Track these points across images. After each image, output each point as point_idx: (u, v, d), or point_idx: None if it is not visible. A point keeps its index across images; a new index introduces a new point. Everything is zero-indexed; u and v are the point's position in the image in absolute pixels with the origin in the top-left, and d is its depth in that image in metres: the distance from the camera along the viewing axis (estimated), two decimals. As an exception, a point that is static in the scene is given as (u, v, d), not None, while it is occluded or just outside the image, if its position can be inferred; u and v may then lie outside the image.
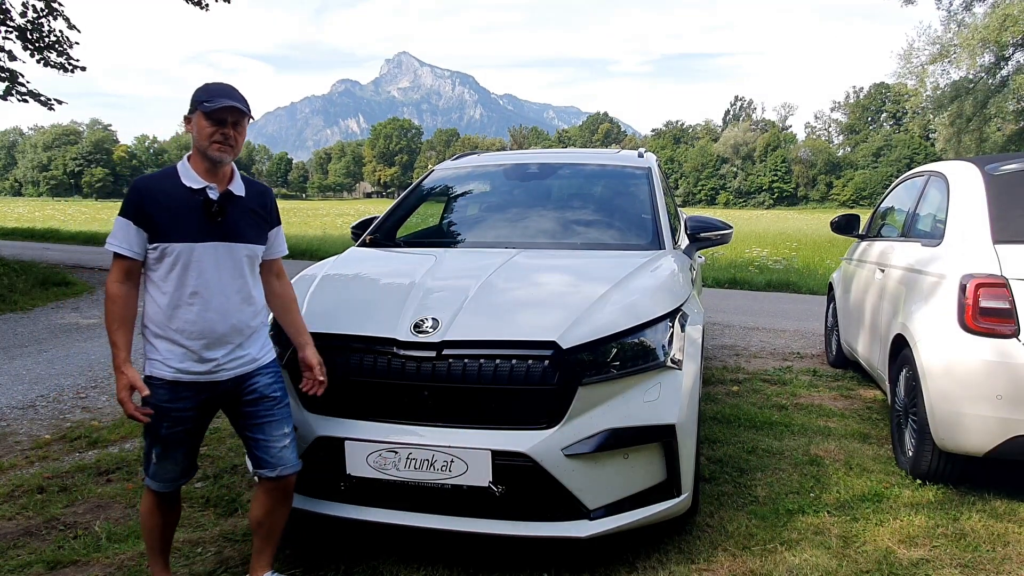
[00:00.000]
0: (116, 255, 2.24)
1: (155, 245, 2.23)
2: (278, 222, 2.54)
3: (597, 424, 2.52)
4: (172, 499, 2.47)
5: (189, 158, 2.32)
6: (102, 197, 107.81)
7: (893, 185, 5.55)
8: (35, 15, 12.39)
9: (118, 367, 2.21)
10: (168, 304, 2.25)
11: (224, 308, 2.30)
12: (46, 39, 12.60)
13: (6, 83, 12.47)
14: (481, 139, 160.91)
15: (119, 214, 2.25)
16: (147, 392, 2.23)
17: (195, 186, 2.27)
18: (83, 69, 13.16)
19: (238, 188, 2.36)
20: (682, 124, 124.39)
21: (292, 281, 3.22)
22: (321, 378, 2.56)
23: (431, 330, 2.59)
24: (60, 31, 12.73)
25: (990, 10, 23.19)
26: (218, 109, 2.22)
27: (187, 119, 2.31)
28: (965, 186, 3.79)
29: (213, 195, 2.28)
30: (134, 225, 2.22)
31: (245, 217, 2.36)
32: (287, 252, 2.62)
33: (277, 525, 2.52)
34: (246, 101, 2.29)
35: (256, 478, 2.49)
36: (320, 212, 52.30)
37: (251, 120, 2.34)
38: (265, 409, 2.40)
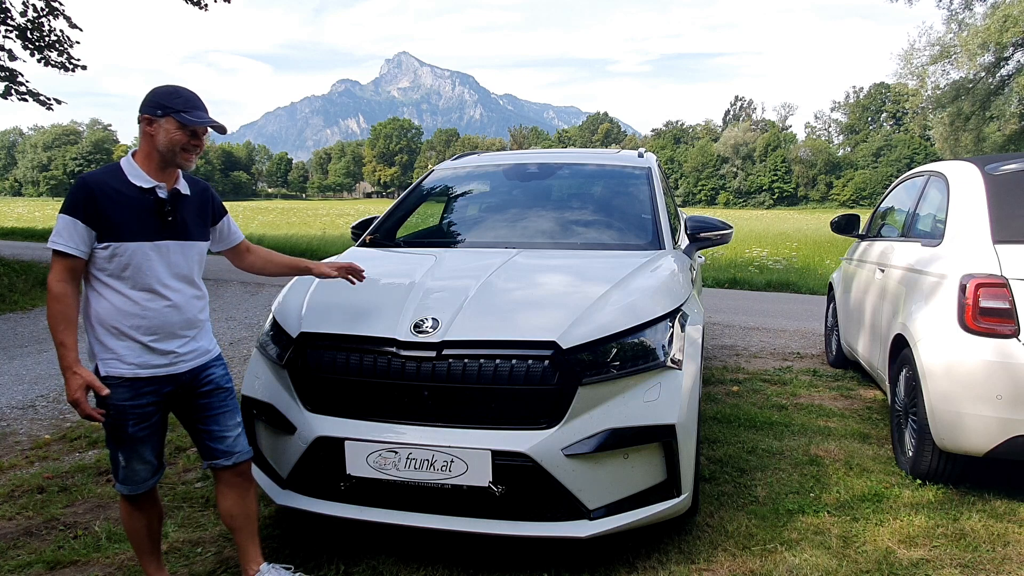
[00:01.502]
0: (60, 254, 2.18)
1: (106, 244, 2.20)
2: (224, 212, 2.57)
3: (597, 424, 2.52)
4: (148, 499, 2.46)
5: (134, 155, 2.30)
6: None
7: (893, 185, 5.55)
8: (35, 15, 12.40)
9: (69, 367, 2.17)
10: (123, 302, 2.24)
11: (178, 303, 2.32)
12: (47, 38, 12.61)
13: (6, 83, 12.48)
14: (481, 139, 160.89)
15: (64, 212, 2.18)
16: (107, 392, 2.21)
17: (145, 185, 2.26)
18: (83, 68, 13.16)
19: (184, 187, 2.37)
20: (682, 124, 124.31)
21: (292, 282, 3.23)
22: (353, 276, 2.91)
23: (431, 330, 2.59)
24: (61, 30, 12.75)
25: (991, 10, 23.18)
26: (200, 124, 2.24)
27: (148, 119, 2.25)
28: (965, 186, 3.79)
29: (162, 194, 2.28)
30: (82, 224, 2.17)
31: (192, 215, 2.39)
32: (243, 237, 2.68)
33: (250, 514, 2.53)
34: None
35: (211, 472, 2.49)
36: (320, 212, 52.29)
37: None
38: (219, 400, 2.44)
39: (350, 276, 2.93)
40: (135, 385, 2.27)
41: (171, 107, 2.23)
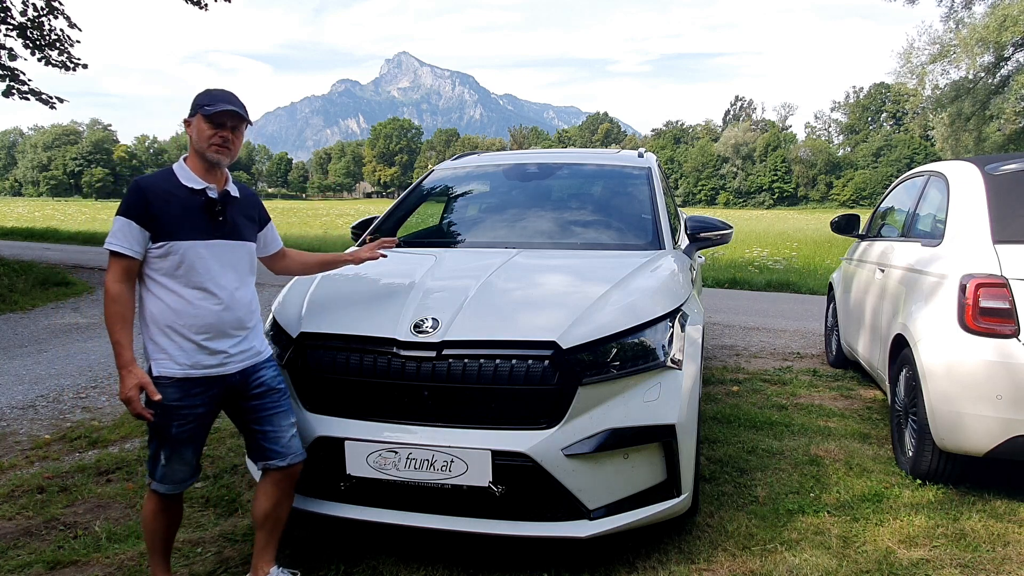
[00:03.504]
0: (117, 254, 2.26)
1: (160, 244, 2.28)
2: (268, 219, 2.68)
3: (597, 424, 2.52)
4: (177, 501, 2.49)
5: (186, 160, 2.40)
6: (102, 197, 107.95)
7: (893, 185, 5.55)
8: (35, 14, 12.40)
9: (124, 366, 2.23)
10: (176, 302, 2.30)
11: (230, 303, 2.38)
12: (47, 37, 12.62)
13: (7, 82, 12.49)
14: (481, 139, 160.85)
15: (120, 214, 2.27)
16: (159, 397, 2.26)
17: (196, 186, 2.34)
18: (84, 67, 13.16)
19: (234, 190, 2.46)
20: (682, 124, 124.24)
21: (292, 282, 3.24)
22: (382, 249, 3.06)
23: (431, 330, 2.59)
24: (61, 29, 12.76)
25: (990, 10, 23.17)
26: (217, 112, 2.32)
27: (187, 122, 2.39)
28: (965, 186, 3.79)
29: (213, 195, 2.36)
30: (137, 225, 2.26)
31: (241, 217, 2.47)
32: (281, 244, 2.77)
33: (282, 517, 2.56)
34: (244, 107, 2.39)
35: (261, 471, 2.52)
36: (320, 212, 52.30)
37: (248, 125, 2.45)
38: (272, 401, 2.47)
39: (381, 251, 3.07)
40: (184, 386, 2.31)
41: (199, 104, 2.34)
